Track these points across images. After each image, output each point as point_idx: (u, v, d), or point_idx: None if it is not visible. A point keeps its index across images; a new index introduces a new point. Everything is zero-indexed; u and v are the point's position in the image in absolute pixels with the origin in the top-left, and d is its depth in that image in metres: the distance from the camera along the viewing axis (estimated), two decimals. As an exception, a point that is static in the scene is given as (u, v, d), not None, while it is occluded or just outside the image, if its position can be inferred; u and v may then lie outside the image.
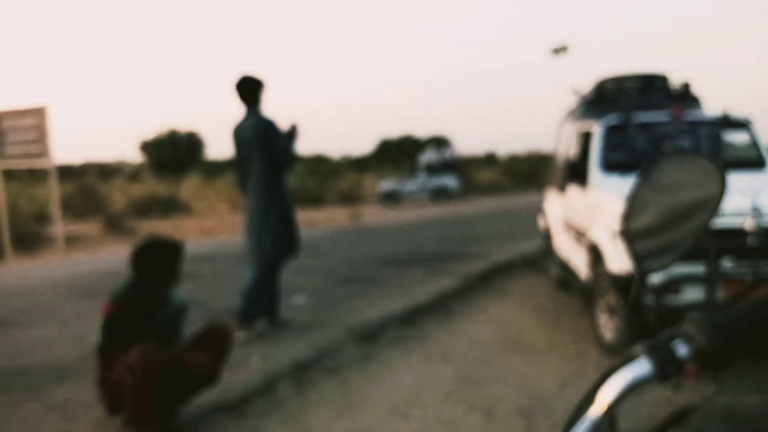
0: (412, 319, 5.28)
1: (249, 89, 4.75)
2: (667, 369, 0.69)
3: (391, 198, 24.21)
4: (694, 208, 0.81)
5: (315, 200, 27.56)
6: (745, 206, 3.77)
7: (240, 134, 4.78)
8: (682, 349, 0.70)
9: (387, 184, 25.28)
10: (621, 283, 3.96)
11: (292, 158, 4.81)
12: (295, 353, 4.27)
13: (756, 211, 3.71)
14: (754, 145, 4.92)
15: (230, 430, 3.31)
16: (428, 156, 27.05)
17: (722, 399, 3.50)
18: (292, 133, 4.84)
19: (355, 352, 4.47)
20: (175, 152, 40.84)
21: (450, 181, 25.24)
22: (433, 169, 25.83)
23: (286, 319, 5.12)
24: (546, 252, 7.01)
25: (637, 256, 0.83)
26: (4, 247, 11.27)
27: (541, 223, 7.11)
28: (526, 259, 7.90)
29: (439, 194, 24.63)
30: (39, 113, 10.43)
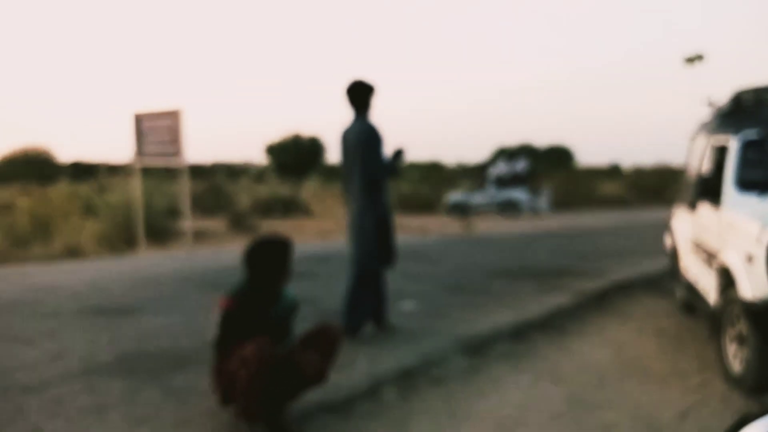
0: (521, 334, 5.14)
1: (358, 94, 4.80)
2: None
3: (458, 209, 23.60)
4: None
5: (427, 207, 27.64)
6: None
7: (346, 139, 4.85)
8: None
9: (455, 196, 25.05)
10: (754, 312, 3.62)
11: (384, 173, 4.79)
12: (402, 359, 4.30)
13: None
14: None
15: (335, 430, 3.39)
16: (499, 169, 26.51)
17: None
18: (396, 154, 4.83)
19: (461, 364, 4.42)
20: (298, 155, 42.77)
21: (519, 194, 24.56)
22: (503, 182, 25.25)
23: (394, 325, 5.16)
24: (671, 273, 6.57)
25: None
26: (139, 238, 12.31)
27: (667, 241, 6.67)
28: (648, 280, 7.44)
29: (507, 208, 24.00)
30: (174, 115, 11.29)
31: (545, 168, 47.21)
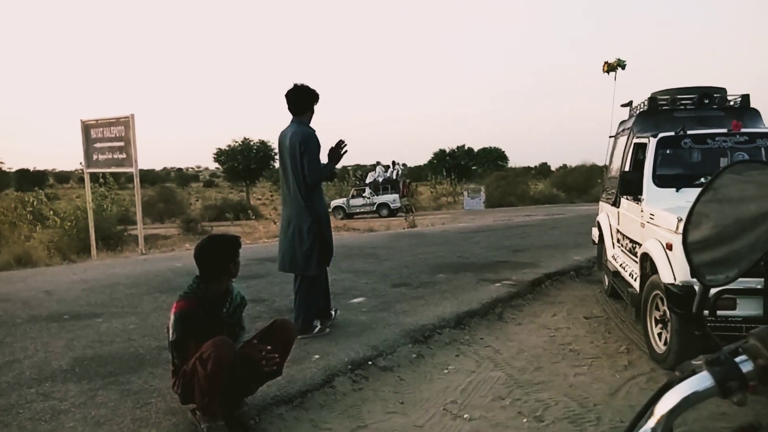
0: (464, 323, 5.20)
1: (300, 98, 4.64)
2: (730, 385, 0.64)
3: (339, 212, 26.54)
4: (759, 219, 0.75)
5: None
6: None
7: (283, 143, 4.68)
8: (746, 366, 0.65)
9: (336, 201, 27.21)
10: (674, 295, 3.78)
11: (318, 176, 4.60)
12: (353, 352, 4.28)
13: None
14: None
15: (290, 421, 3.35)
16: (376, 174, 28.55)
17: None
18: (334, 152, 4.68)
19: (409, 353, 4.44)
20: (247, 160, 41.96)
21: (390, 198, 27.12)
22: (378, 187, 27.61)
23: (344, 320, 5.14)
24: (599, 262, 6.80)
25: (697, 269, 0.78)
26: (90, 245, 11.82)
27: (594, 234, 6.90)
28: (577, 270, 7.67)
29: (381, 209, 26.73)
30: (125, 122, 10.90)
31: (481, 167, 48.15)
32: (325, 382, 3.79)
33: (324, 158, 4.69)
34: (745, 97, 5.31)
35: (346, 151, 4.74)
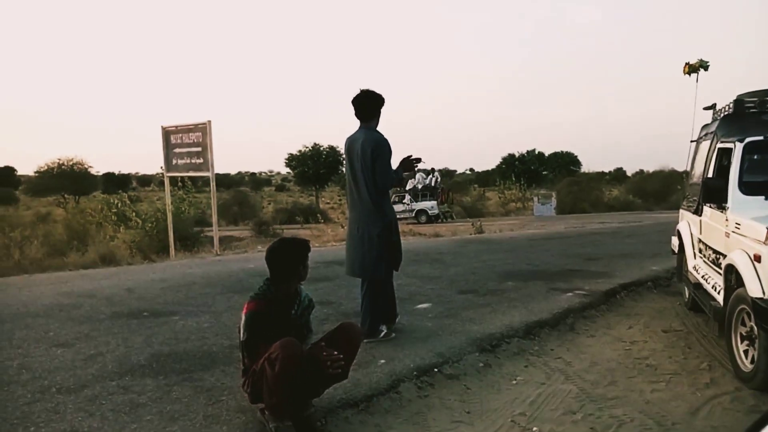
0: (533, 333, 5.07)
1: (366, 104, 4.64)
2: None
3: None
4: None
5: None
6: None
7: (351, 149, 4.68)
8: None
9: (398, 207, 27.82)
10: (763, 310, 3.53)
11: (390, 182, 4.61)
12: (419, 358, 4.26)
13: None
14: None
15: (356, 425, 3.36)
16: (416, 182, 28.95)
17: None
18: (407, 162, 4.67)
19: (476, 361, 4.37)
20: (317, 165, 42.85)
21: (429, 204, 28.00)
22: (417, 194, 28.40)
23: (410, 326, 5.12)
24: (678, 273, 6.46)
25: None
26: (169, 245, 12.38)
27: (674, 243, 6.57)
28: (655, 280, 7.33)
29: (420, 216, 27.61)
30: (203, 128, 11.37)
31: (552, 173, 46.96)
32: (390, 387, 3.79)
33: (395, 164, 4.71)
34: (842, 99, 4.90)
35: (417, 165, 4.76)
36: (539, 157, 49.54)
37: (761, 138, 4.53)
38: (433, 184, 28.70)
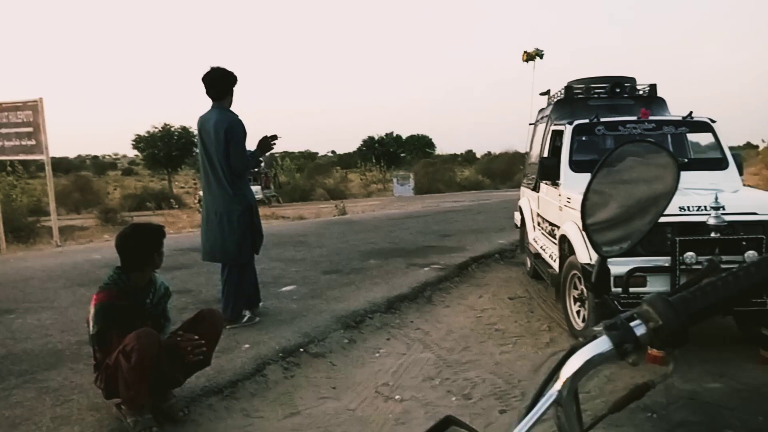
0: (394, 307, 5.29)
1: (217, 82, 4.45)
2: (625, 347, 0.71)
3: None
4: (650, 197, 0.81)
5: (303, 195, 27.54)
6: (708, 203, 3.83)
7: (205, 129, 4.48)
8: (639, 329, 0.71)
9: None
10: (590, 274, 4.00)
11: (246, 165, 4.49)
12: (284, 339, 4.27)
13: (717, 208, 3.77)
14: (717, 145, 4.98)
15: (221, 411, 3.31)
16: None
17: (687, 385, 3.57)
18: (264, 143, 4.59)
19: (341, 339, 4.48)
20: (168, 147, 40.37)
21: (253, 190, 27.93)
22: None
23: (275, 309, 5.10)
24: (521, 245, 7.07)
25: (594, 242, 0.84)
26: (0, 237, 11.07)
27: (517, 218, 7.16)
28: (502, 253, 7.95)
29: None
30: (33, 106, 10.24)
31: (409, 155, 48.62)
32: (255, 370, 3.77)
33: (252, 146, 4.60)
34: (653, 87, 5.65)
35: (275, 144, 4.68)
36: (397, 139, 51.01)
37: (587, 121, 5.08)
38: (258, 170, 28.48)
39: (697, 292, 0.72)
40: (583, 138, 5.13)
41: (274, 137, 4.64)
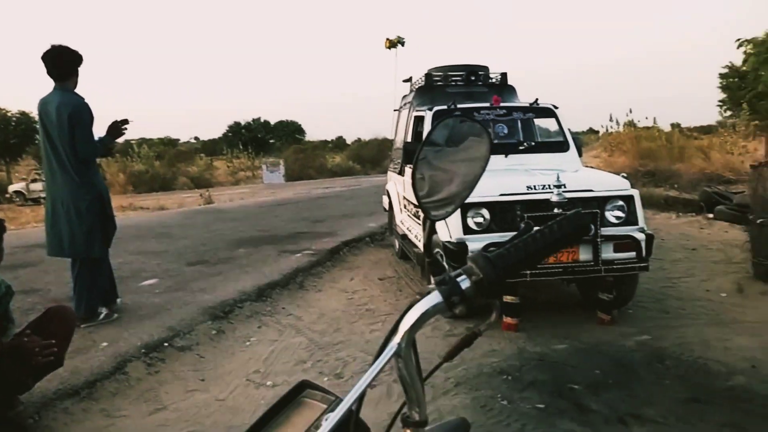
0: (265, 295, 5.25)
1: (60, 61, 4.13)
2: (453, 299, 0.80)
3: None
4: (469, 165, 0.91)
5: (164, 185, 26.09)
6: (551, 182, 4.22)
7: (47, 112, 4.14)
8: (464, 283, 0.81)
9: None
10: (450, 251, 4.24)
11: (93, 151, 4.22)
12: (146, 335, 4.08)
13: (559, 186, 4.16)
14: (560, 129, 5.48)
15: (78, 414, 3.12)
16: None
17: (537, 348, 3.94)
18: (115, 128, 4.31)
19: (208, 330, 4.37)
20: (4, 135, 36.27)
21: (21, 186, 26.68)
22: None
23: (135, 304, 4.85)
24: (390, 228, 7.30)
25: (424, 207, 0.92)
26: None
27: (385, 201, 7.38)
28: (372, 236, 8.16)
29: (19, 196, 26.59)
30: None
31: (279, 141, 47.92)
32: (116, 369, 3.58)
33: (102, 132, 4.30)
34: (504, 75, 6.08)
35: (126, 129, 4.39)
36: (266, 125, 50.05)
37: (445, 107, 5.35)
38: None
39: (511, 249, 0.83)
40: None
41: (125, 122, 4.36)
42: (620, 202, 4.29)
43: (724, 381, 3.31)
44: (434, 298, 0.81)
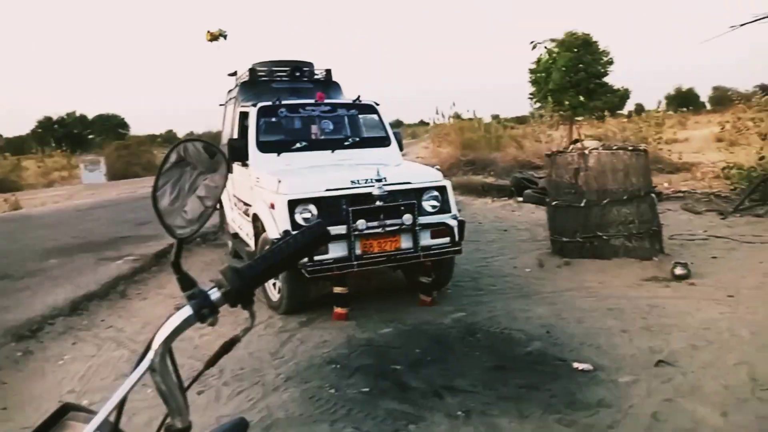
0: (82, 308, 4.88)
1: None
2: (203, 312, 0.86)
3: None
4: (209, 185, 0.96)
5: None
6: (372, 176, 4.43)
7: None
8: (214, 294, 0.87)
9: None
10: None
11: None
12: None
13: (380, 180, 4.38)
14: (381, 125, 5.73)
15: None
16: None
17: (365, 334, 4.13)
18: None
19: (13, 352, 3.97)
20: None
21: None
22: None
23: None
24: (221, 227, 7.14)
25: (167, 226, 0.94)
26: None
27: (214, 199, 7.17)
28: (203, 236, 7.90)
29: None
30: None
31: (99, 136, 44.12)
32: None
33: None
34: (329, 72, 6.22)
35: None
36: (82, 119, 45.74)
37: (270, 103, 5.35)
38: None
39: (259, 260, 0.91)
40: (268, 119, 5.40)
41: None
42: (435, 193, 4.63)
43: (523, 347, 3.76)
44: (186, 311, 0.86)
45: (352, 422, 2.95)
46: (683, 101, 39.09)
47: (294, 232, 0.93)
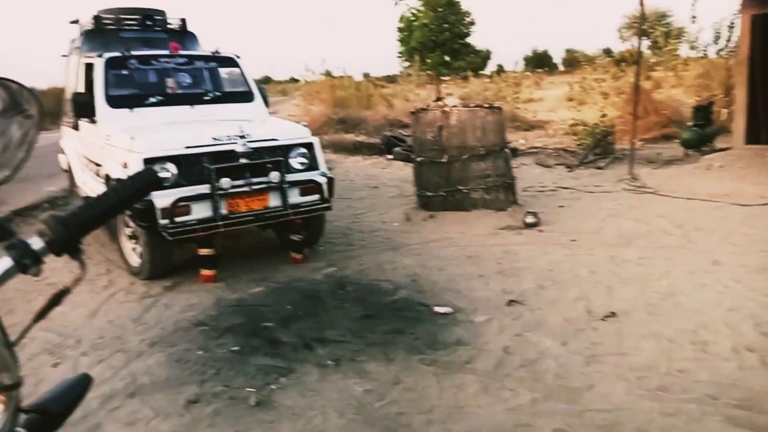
0: None
1: None
2: (25, 262, 0.83)
3: None
4: (20, 125, 0.93)
5: None
6: (236, 133, 4.31)
7: None
8: (37, 244, 0.84)
9: None
10: (137, 210, 4.06)
11: None
12: None
13: (243, 137, 4.28)
14: (244, 79, 5.55)
15: None
16: None
17: (234, 295, 4.09)
18: None
19: None
20: None
21: None
22: None
23: None
24: (71, 190, 6.60)
25: None
26: None
27: (62, 160, 6.60)
28: (52, 201, 7.27)
29: None
30: None
31: None
32: None
33: None
34: (183, 21, 5.87)
35: None
36: None
37: (119, 54, 4.97)
38: None
39: (83, 208, 0.88)
40: (118, 72, 5.03)
41: None
42: (303, 150, 4.62)
43: (390, 296, 3.94)
44: (5, 263, 0.82)
45: (221, 381, 2.95)
46: (539, 62, 41.77)
47: (123, 179, 0.91)
